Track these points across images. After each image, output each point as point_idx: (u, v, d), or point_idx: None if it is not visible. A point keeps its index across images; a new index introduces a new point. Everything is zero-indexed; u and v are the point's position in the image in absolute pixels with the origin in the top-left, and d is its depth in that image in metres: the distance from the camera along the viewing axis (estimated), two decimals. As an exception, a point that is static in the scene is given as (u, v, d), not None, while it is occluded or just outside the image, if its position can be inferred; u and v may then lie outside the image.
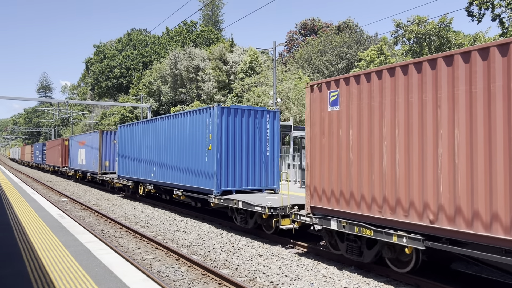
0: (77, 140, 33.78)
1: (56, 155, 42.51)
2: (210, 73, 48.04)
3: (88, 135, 30.40)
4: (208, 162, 14.44)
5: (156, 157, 18.70)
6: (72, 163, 35.34)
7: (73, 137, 36.23)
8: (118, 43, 79.99)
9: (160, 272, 9.08)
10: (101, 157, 27.00)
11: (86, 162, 30.40)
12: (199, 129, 14.89)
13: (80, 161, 32.09)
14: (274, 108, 15.47)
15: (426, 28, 38.06)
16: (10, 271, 6.75)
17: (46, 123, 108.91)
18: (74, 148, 34.88)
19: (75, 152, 34.34)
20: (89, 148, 29.53)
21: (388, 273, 8.71)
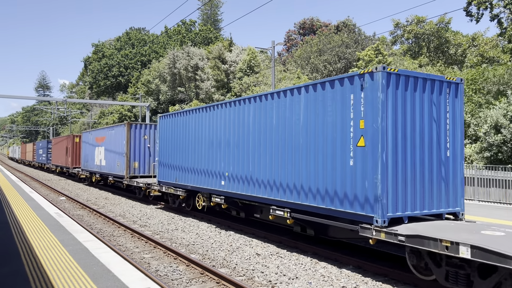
0: (94, 136, 28.19)
1: (65, 154, 37.05)
2: (209, 72, 48.01)
3: (109, 130, 25.10)
4: (354, 168, 8.72)
5: (231, 158, 13.13)
6: (87, 164, 29.86)
7: (89, 133, 30.04)
8: (116, 42, 79.86)
9: (158, 271, 9.08)
10: (129, 156, 21.72)
11: (106, 162, 25.24)
12: (334, 111, 9.24)
13: (98, 161, 26.88)
14: (454, 78, 9.63)
15: (424, 28, 38.10)
16: (8, 270, 6.75)
17: (44, 121, 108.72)
18: (88, 146, 29.51)
19: (90, 150, 29.03)
20: (110, 145, 24.44)
21: (386, 273, 8.72)
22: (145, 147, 22.10)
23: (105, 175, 26.01)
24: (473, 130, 25.24)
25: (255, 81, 41.78)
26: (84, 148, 31.01)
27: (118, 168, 22.91)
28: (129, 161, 21.80)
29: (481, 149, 22.50)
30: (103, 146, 25.82)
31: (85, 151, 30.67)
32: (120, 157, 22.66)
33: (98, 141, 27.05)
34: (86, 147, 30.31)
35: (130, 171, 21.80)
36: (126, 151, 21.66)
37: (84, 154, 30.74)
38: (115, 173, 23.49)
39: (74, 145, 34.47)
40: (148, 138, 21.83)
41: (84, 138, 31.23)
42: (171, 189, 17.05)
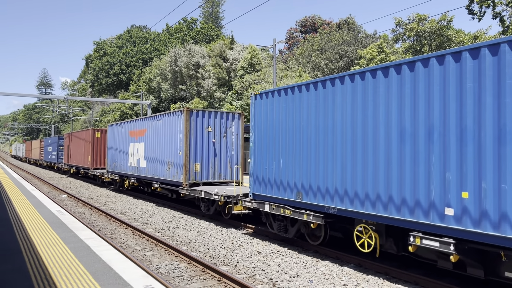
0: (126, 130, 22.60)
1: (82, 152, 31.27)
2: (210, 70, 47.98)
3: (153, 120, 19.22)
4: None
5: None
6: (115, 165, 24.10)
7: (118, 125, 24.26)
8: (118, 40, 79.83)
9: (160, 268, 9.09)
10: (189, 156, 15.99)
11: (148, 164, 19.34)
12: None
13: (134, 162, 21.12)
14: None
15: (426, 26, 38.01)
16: (10, 266, 6.76)
17: (46, 119, 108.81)
18: (118, 142, 23.84)
19: (121, 148, 23.34)
20: (156, 140, 18.75)
21: (387, 271, 8.72)
22: (209, 142, 16.48)
23: (146, 180, 20.06)
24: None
25: (256, 79, 41.75)
26: (111, 144, 25.14)
27: (168, 172, 17.36)
28: (188, 163, 15.95)
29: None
30: (143, 142, 20.20)
31: (112, 149, 24.81)
32: (172, 157, 17.02)
33: (134, 135, 21.34)
34: (114, 144, 24.50)
35: (189, 176, 16.01)
36: (185, 148, 15.89)
37: (112, 153, 24.95)
38: (164, 178, 17.75)
39: (95, 142, 28.89)
40: (213, 131, 16.51)
41: (110, 132, 25.41)
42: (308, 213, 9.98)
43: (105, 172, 26.07)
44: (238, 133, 17.09)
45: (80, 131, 33.22)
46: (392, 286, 8.00)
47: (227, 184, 16.52)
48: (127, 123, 22.89)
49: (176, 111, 17.02)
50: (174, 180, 16.76)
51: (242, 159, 17.10)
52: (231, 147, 16.94)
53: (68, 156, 37.03)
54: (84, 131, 31.20)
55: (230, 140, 16.93)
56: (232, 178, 16.72)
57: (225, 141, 16.77)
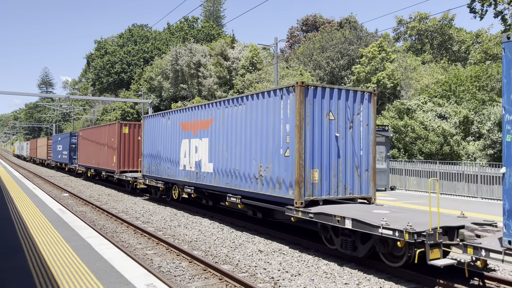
0: (177, 122, 17.13)
1: (104, 151, 26.27)
2: (211, 69, 47.97)
3: (231, 105, 13.49)
4: None
5: None
6: (158, 168, 18.81)
7: (162, 117, 18.59)
8: (119, 39, 79.82)
9: (161, 267, 9.10)
10: (304, 158, 10.52)
11: (215, 168, 14.20)
12: None
13: (191, 165, 15.87)
14: None
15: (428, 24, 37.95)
16: (12, 265, 6.77)
17: (47, 118, 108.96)
18: (162, 137, 18.53)
19: (166, 145, 18.10)
20: (232, 134, 13.39)
21: (388, 270, 8.71)
22: (330, 137, 10.96)
23: (213, 191, 14.80)
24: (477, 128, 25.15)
25: (257, 78, 41.74)
26: (149, 142, 19.92)
27: (260, 182, 11.83)
28: (303, 170, 10.43)
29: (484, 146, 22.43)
30: (206, 137, 14.80)
31: (151, 147, 19.58)
32: (267, 159, 11.55)
33: (191, 128, 16.00)
34: (155, 141, 19.24)
35: (305, 189, 10.45)
36: (298, 146, 10.36)
37: (150, 153, 19.65)
38: (250, 190, 12.23)
39: (122, 139, 23.87)
40: (336, 119, 11.00)
41: (148, 126, 20.05)
42: None
43: (139, 177, 20.50)
44: (368, 122, 11.56)
45: (101, 126, 28.31)
46: (393, 285, 7.99)
47: (354, 202, 11.29)
48: (176, 113, 17.37)
49: (276, 90, 11.28)
50: (272, 195, 11.28)
51: (373, 162, 11.60)
52: (359, 144, 11.37)
53: (84, 156, 31.66)
54: (107, 126, 26.19)
55: (357, 134, 11.37)
56: (360, 191, 11.41)
57: (351, 135, 11.17)
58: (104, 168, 26.24)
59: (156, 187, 19.37)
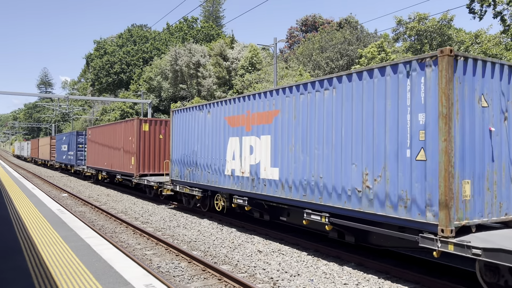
0: (220, 115, 14.05)
1: (119, 151, 23.11)
2: (211, 69, 47.97)
3: (307, 92, 10.32)
4: None
5: None
6: (190, 172, 15.67)
7: (200, 110, 15.37)
8: (118, 39, 79.81)
9: (160, 267, 9.09)
10: (454, 162, 7.14)
11: (283, 174, 10.97)
12: None
13: (243, 169, 12.67)
14: None
15: (427, 25, 37.97)
16: (11, 265, 6.76)
17: (47, 118, 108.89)
18: (199, 135, 15.24)
19: (205, 144, 14.84)
20: (309, 129, 10.21)
21: (387, 270, 8.71)
22: (484, 132, 7.73)
23: (279, 204, 11.65)
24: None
25: (257, 78, 41.74)
26: (180, 140, 16.67)
27: (365, 196, 8.57)
28: (452, 179, 7.14)
29: None
30: (267, 134, 11.66)
31: (184, 147, 16.26)
32: (380, 167, 8.30)
33: (243, 123, 12.73)
34: (189, 139, 15.94)
35: (455, 210, 7.17)
36: (446, 145, 7.17)
37: (183, 153, 16.26)
38: (345, 206, 9.04)
39: (142, 137, 20.74)
40: (490, 107, 7.84)
41: (179, 122, 16.79)
42: None
43: (166, 182, 17.59)
44: None
45: (115, 123, 24.77)
46: (392, 285, 7.99)
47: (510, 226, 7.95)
48: (219, 105, 14.00)
49: (398, 64, 8.09)
50: (391, 216, 7.97)
51: None
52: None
53: (94, 156, 28.46)
54: (123, 123, 23.03)
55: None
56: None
57: (506, 130, 8.00)
58: (119, 171, 23.15)
59: (190, 195, 16.35)
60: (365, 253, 9.99)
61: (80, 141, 34.07)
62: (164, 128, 21.15)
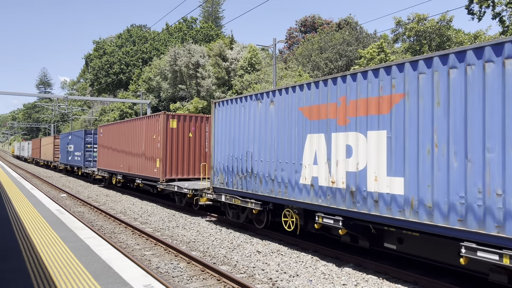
0: (293, 106, 10.77)
1: (140, 152, 20.14)
2: (210, 70, 47.98)
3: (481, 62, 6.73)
4: None
5: None
6: (242, 179, 12.59)
7: (260, 99, 11.95)
8: (117, 39, 79.80)
9: (159, 268, 9.09)
10: None
11: (406, 187, 7.78)
12: None
13: (324, 178, 9.65)
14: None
15: (426, 26, 38.02)
16: (9, 265, 6.76)
17: (46, 118, 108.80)
18: (258, 132, 12.03)
19: (270, 145, 11.53)
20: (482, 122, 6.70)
21: (386, 271, 8.72)
22: None
23: (404, 229, 8.14)
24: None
25: (256, 79, 41.76)
26: (227, 139, 13.46)
27: None
28: None
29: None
30: (385, 129, 8.34)
31: (233, 147, 13.08)
32: None
33: (334, 114, 9.59)
34: (243, 138, 12.69)
35: None
36: None
37: (231, 154, 13.15)
38: None
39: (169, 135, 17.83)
40: None
41: (224, 116, 13.71)
42: None
43: (205, 189, 14.74)
44: None
45: (135, 119, 21.77)
46: (391, 285, 8.00)
47: None
48: (289, 93, 10.94)
49: None
50: None
51: None
52: None
53: (106, 158, 25.60)
54: (145, 119, 19.95)
55: None
56: None
57: None
58: (139, 175, 20.14)
59: (240, 207, 13.00)
60: (363, 254, 10.00)
61: (88, 141, 31.18)
62: (194, 125, 18.44)
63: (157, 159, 18.28)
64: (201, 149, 18.53)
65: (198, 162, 18.37)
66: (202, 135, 18.56)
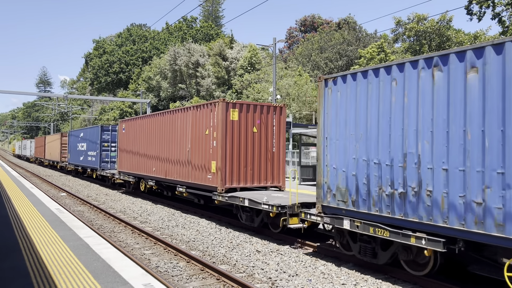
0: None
1: (184, 153, 16.02)
2: (210, 69, 48.00)
3: None
4: None
5: None
6: (413, 198, 7.56)
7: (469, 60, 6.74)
8: (117, 38, 79.80)
9: (159, 267, 9.10)
10: None
11: None
12: None
13: None
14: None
15: (426, 25, 38.05)
16: (9, 264, 6.77)
17: (45, 117, 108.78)
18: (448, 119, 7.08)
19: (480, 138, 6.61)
20: None
21: (385, 271, 8.73)
22: None
23: None
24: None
25: (256, 78, 41.77)
26: (352, 133, 9.02)
27: None
28: None
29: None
30: None
31: (360, 146, 8.82)
32: None
33: None
34: (388, 132, 8.18)
35: None
36: None
37: (350, 159, 9.02)
38: None
39: (229, 130, 13.78)
40: None
41: (346, 99, 9.18)
42: None
43: (295, 205, 10.96)
44: None
45: (177, 110, 16.89)
46: (390, 285, 8.01)
47: None
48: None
49: None
50: None
51: None
52: None
53: (131, 159, 21.50)
54: (192, 110, 15.51)
55: None
56: None
57: None
58: (183, 181, 15.81)
59: (383, 241, 8.45)
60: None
61: (105, 139, 26.92)
62: (259, 117, 14.16)
63: (212, 162, 13.95)
64: (267, 148, 14.34)
65: (264, 166, 14.27)
66: (268, 130, 14.35)
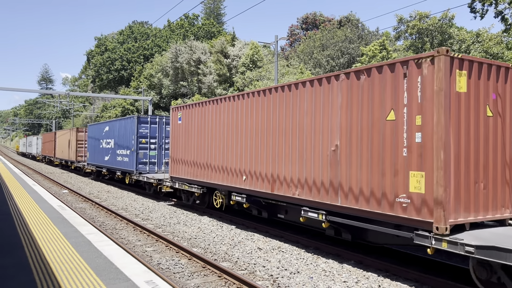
0: None
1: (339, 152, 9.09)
2: (211, 67, 47.94)
3: None
4: None
5: None
6: None
7: None
8: (119, 36, 79.72)
9: (161, 264, 9.12)
10: None
11: None
12: None
13: None
14: None
15: (428, 23, 37.92)
16: (11, 261, 6.79)
17: (47, 115, 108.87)
18: None
19: None
20: None
21: (387, 268, 8.74)
22: None
23: None
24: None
25: (257, 76, 41.72)
26: None
27: None
28: None
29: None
30: None
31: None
32: None
33: None
34: None
35: None
36: None
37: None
38: None
39: (454, 112, 7.13)
40: None
41: None
42: None
43: None
44: None
45: (309, 79, 9.97)
46: (392, 283, 8.02)
47: None
48: None
49: None
50: None
51: None
52: None
53: (193, 163, 15.45)
54: (353, 78, 8.69)
55: None
56: None
57: None
58: (323, 204, 9.51)
59: None
60: (364, 251, 10.03)
61: (143, 134, 21.59)
62: (495, 88, 7.81)
63: (410, 174, 7.57)
64: (504, 146, 7.97)
65: (501, 180, 7.92)
66: (507, 112, 8.04)
